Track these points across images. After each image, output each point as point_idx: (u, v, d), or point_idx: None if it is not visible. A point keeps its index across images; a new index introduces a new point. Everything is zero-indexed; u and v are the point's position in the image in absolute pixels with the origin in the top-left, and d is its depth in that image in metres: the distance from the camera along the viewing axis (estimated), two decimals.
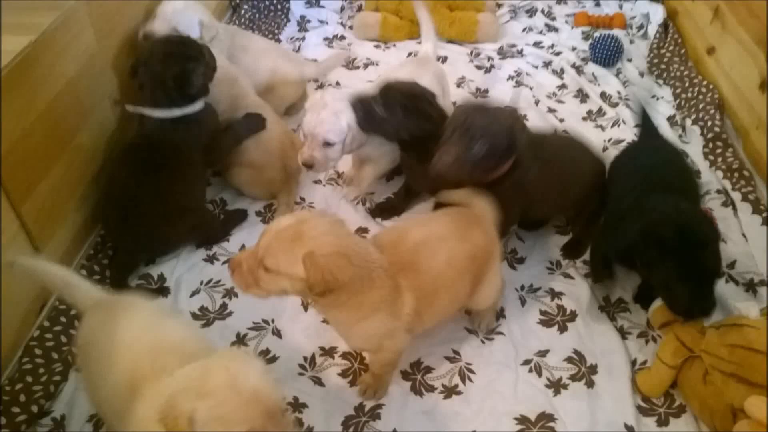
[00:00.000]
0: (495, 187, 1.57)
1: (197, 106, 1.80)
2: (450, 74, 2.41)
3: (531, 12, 3.03)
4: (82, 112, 1.77)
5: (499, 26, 2.88)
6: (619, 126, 2.35)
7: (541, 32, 2.92)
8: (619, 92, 2.51)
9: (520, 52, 2.77)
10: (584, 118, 2.42)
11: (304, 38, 2.83)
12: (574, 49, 2.78)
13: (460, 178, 1.56)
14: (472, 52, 2.77)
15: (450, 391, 1.54)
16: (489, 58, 2.73)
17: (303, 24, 2.93)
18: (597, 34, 2.73)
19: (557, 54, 2.75)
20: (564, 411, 1.50)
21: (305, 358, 1.60)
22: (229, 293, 1.75)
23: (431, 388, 1.55)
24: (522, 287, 1.79)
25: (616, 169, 1.84)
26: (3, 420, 1.40)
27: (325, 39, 2.85)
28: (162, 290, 1.76)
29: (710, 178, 2.10)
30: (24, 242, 1.53)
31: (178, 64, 1.72)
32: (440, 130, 1.59)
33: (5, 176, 1.44)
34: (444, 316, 1.53)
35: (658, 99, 2.50)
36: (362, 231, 1.95)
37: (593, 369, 1.58)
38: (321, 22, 2.95)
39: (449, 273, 1.41)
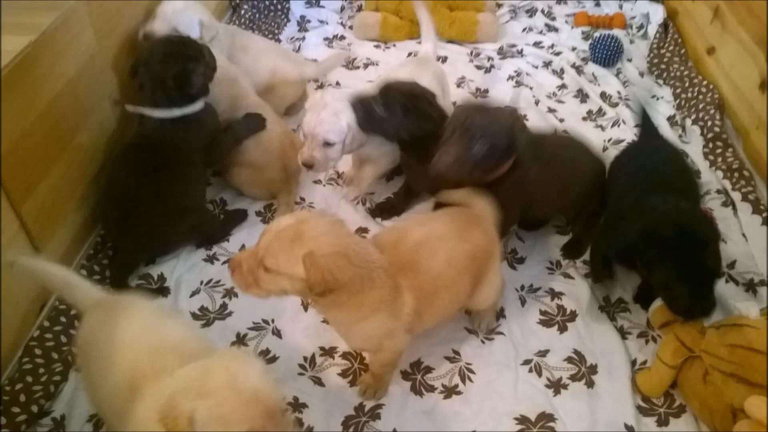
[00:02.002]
0: (495, 187, 1.57)
1: (197, 106, 1.80)
2: (450, 74, 2.41)
3: (531, 12, 3.03)
4: (82, 112, 1.77)
5: (499, 26, 2.88)
6: (619, 126, 2.35)
7: (541, 32, 2.92)
8: (619, 92, 2.51)
9: (520, 52, 2.77)
10: (584, 118, 2.42)
11: (304, 38, 2.83)
12: (574, 49, 2.78)
13: (460, 178, 1.56)
14: (472, 52, 2.77)
15: (450, 391, 1.54)
16: (489, 58, 2.73)
17: (303, 24, 2.93)
18: (597, 34, 2.73)
19: (557, 54, 2.75)
20: (564, 411, 1.50)
21: (305, 358, 1.60)
22: (229, 293, 1.75)
23: (431, 388, 1.55)
24: (522, 287, 1.79)
25: (616, 169, 1.84)
26: (3, 420, 1.40)
27: (325, 39, 2.85)
28: (162, 290, 1.76)
29: (710, 178, 2.09)
30: (24, 242, 1.53)
31: (178, 64, 1.72)
32: (440, 130, 1.59)
33: (5, 176, 1.44)
34: (444, 316, 1.53)
35: (658, 99, 2.50)
36: (362, 231, 1.95)
37: (593, 369, 1.58)
38: (321, 22, 2.95)
39: (449, 273, 1.41)
